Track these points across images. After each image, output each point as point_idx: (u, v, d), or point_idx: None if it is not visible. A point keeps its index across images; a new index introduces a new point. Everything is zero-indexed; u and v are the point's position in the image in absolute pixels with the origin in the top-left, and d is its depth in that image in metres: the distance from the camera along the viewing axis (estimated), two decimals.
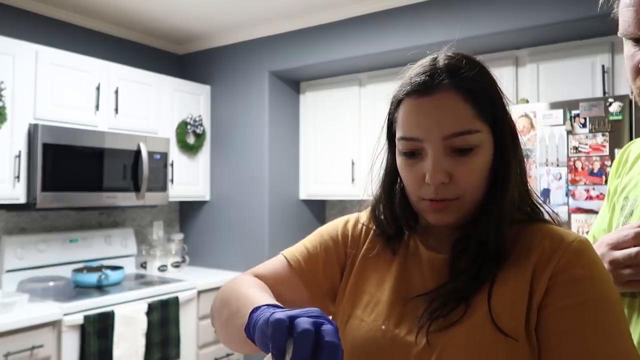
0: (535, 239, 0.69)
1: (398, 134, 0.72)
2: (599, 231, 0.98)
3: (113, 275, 2.74)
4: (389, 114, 0.76)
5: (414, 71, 0.72)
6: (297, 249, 0.83)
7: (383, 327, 0.71)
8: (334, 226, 0.86)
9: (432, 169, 0.67)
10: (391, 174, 0.79)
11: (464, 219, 0.72)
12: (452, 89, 0.68)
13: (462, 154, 0.68)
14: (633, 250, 0.75)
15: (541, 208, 0.76)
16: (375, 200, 0.82)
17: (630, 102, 2.04)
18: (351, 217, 0.87)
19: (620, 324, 0.63)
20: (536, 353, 0.63)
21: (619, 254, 0.77)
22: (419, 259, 0.76)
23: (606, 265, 0.79)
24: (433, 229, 0.77)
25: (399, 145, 0.72)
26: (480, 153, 0.68)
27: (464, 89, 0.68)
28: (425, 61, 0.73)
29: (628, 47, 0.78)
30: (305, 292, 0.80)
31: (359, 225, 0.85)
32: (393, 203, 0.79)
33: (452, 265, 0.71)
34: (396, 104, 0.73)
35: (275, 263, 0.83)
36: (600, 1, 0.83)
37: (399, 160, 0.73)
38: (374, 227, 0.82)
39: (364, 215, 0.86)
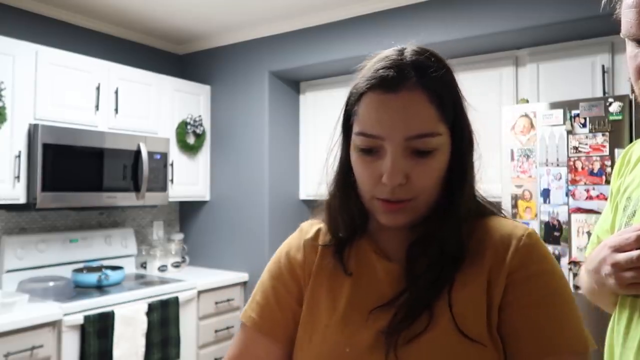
0: (487, 236, 0.69)
1: (356, 129, 0.69)
2: (603, 232, 0.99)
3: (113, 275, 2.74)
4: (347, 105, 0.72)
5: (379, 64, 0.68)
6: (249, 307, 0.80)
7: (347, 349, 0.68)
8: (276, 263, 0.81)
9: (391, 169, 0.65)
10: (345, 168, 0.75)
11: (416, 221, 0.70)
12: (419, 88, 0.65)
13: (421, 156, 0.66)
14: (635, 253, 0.75)
15: (483, 202, 0.75)
16: (330, 196, 0.78)
17: (630, 102, 2.04)
18: (291, 245, 0.82)
19: (573, 312, 0.66)
20: (502, 354, 0.64)
21: (620, 256, 0.77)
22: (372, 269, 0.73)
23: (608, 268, 0.79)
24: (383, 231, 0.75)
25: (356, 140, 0.69)
26: (438, 155, 0.67)
27: (431, 90, 0.65)
28: (391, 53, 0.69)
29: (630, 47, 0.79)
30: (276, 345, 0.76)
31: (300, 252, 0.79)
32: (349, 199, 0.75)
33: (409, 272, 0.69)
34: (358, 96, 0.69)
35: (239, 336, 0.79)
36: (602, 2, 0.83)
37: (354, 155, 0.70)
38: (321, 240, 0.79)
39: (305, 232, 0.82)
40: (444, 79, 0.67)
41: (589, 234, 2.07)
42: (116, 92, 2.87)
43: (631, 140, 1.98)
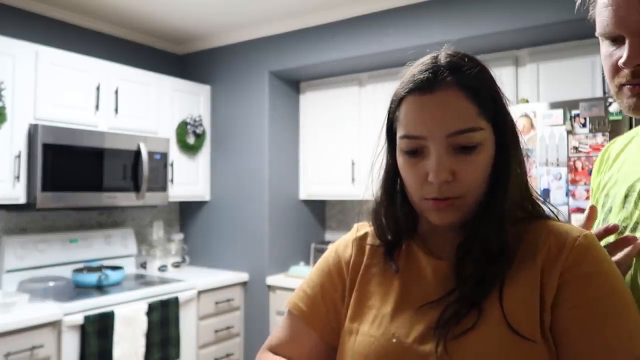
0: (541, 237, 0.69)
1: (400, 133, 0.71)
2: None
3: (113, 275, 2.74)
4: (390, 112, 0.75)
5: (416, 69, 0.71)
6: (296, 295, 0.83)
7: (394, 340, 0.70)
8: (325, 259, 0.85)
9: (436, 167, 0.67)
10: (392, 174, 0.78)
11: (466, 219, 0.71)
12: (455, 86, 0.68)
13: (465, 152, 0.67)
14: None
15: (542, 205, 0.76)
16: (376, 202, 0.81)
17: None
18: (341, 242, 0.86)
19: (632, 315, 0.63)
20: (554, 353, 0.63)
21: None
22: (421, 267, 0.75)
23: None
24: (433, 233, 0.76)
25: (401, 144, 0.71)
26: (483, 151, 0.68)
27: (466, 86, 0.68)
28: (427, 59, 0.73)
29: (605, 47, 0.80)
30: (321, 339, 0.79)
31: (349, 249, 0.83)
32: (395, 204, 0.78)
33: (457, 270, 0.70)
34: (397, 102, 0.73)
35: (284, 322, 0.83)
36: (577, 3, 0.85)
37: (400, 159, 0.72)
38: (370, 241, 0.82)
39: (356, 231, 0.85)
40: (479, 76, 0.70)
41: None
42: (116, 92, 2.87)
43: None
